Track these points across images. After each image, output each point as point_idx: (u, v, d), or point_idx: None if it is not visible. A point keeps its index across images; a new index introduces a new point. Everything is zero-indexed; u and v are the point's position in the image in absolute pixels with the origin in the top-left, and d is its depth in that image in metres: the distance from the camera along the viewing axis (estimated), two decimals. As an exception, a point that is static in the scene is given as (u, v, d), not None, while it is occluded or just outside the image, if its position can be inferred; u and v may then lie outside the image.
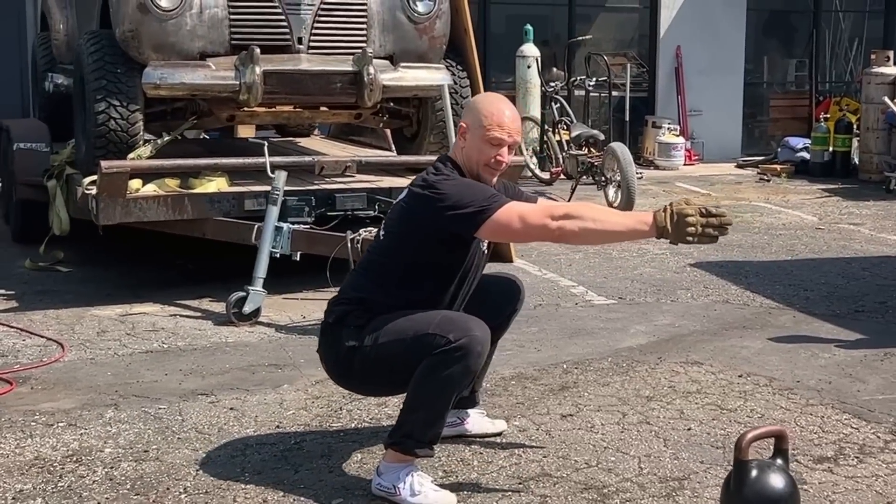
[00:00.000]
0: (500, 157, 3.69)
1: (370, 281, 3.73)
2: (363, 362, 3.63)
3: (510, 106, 3.76)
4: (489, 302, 3.91)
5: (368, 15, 6.81)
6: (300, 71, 6.53)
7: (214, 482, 3.79)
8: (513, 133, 3.69)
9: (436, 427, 3.58)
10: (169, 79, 6.42)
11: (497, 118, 3.67)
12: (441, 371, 3.48)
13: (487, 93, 4.05)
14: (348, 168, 6.56)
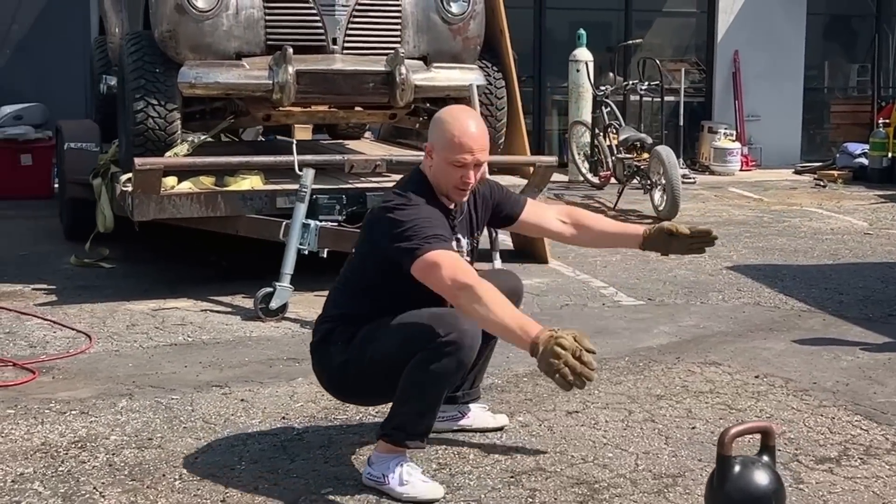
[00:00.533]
0: (465, 178, 3.58)
1: (348, 297, 3.72)
2: (358, 373, 3.62)
3: (475, 121, 3.62)
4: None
5: (402, 16, 6.82)
6: (332, 71, 6.56)
7: (210, 470, 3.81)
8: (476, 152, 3.56)
9: (427, 419, 3.55)
10: (204, 78, 6.48)
11: (459, 139, 3.54)
12: (432, 365, 3.45)
13: (453, 107, 3.77)
14: (378, 167, 6.57)
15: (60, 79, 12.18)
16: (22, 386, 4.82)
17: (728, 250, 8.03)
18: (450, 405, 4.11)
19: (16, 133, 10.97)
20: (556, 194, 11.06)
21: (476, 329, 3.50)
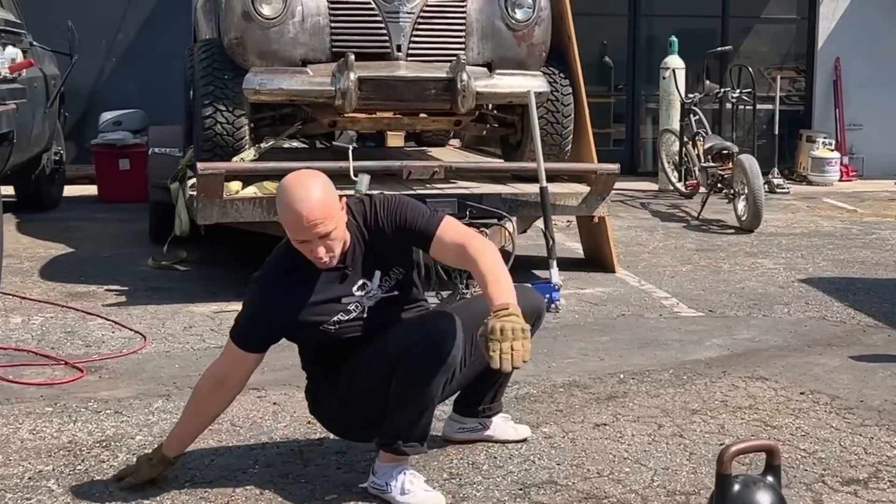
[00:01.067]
0: (314, 254, 3.36)
1: (302, 357, 3.74)
2: (356, 409, 3.57)
3: (308, 194, 3.29)
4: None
5: (467, 23, 6.75)
6: (394, 77, 6.53)
7: (222, 472, 3.79)
8: (311, 230, 3.29)
9: (421, 424, 3.48)
10: (268, 84, 6.51)
11: (289, 218, 3.32)
12: (416, 371, 3.39)
13: (289, 179, 3.39)
14: (436, 173, 6.50)
15: (163, 86, 12.43)
16: (68, 384, 4.89)
17: (806, 262, 7.77)
18: (471, 418, 4.04)
19: (114, 138, 11.22)
20: (641, 203, 10.87)
21: (455, 328, 3.42)
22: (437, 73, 6.57)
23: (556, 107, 7.00)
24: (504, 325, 3.22)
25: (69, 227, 9.40)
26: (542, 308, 3.92)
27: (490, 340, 3.21)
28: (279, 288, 3.47)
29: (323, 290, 3.47)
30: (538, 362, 5.19)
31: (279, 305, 3.46)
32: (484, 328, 3.24)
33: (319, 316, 3.48)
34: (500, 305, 3.29)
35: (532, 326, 3.75)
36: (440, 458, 3.93)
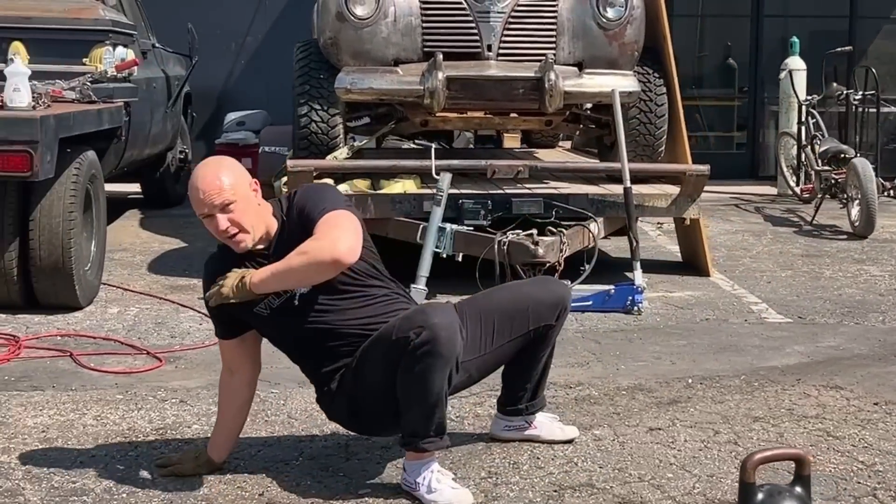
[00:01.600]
0: (217, 229, 3.42)
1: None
2: (367, 407, 3.55)
3: (206, 170, 3.44)
4: (521, 315, 3.72)
5: (558, 22, 6.67)
6: (482, 77, 6.49)
7: (266, 463, 3.81)
8: (207, 202, 3.39)
9: (434, 418, 3.42)
10: (358, 84, 6.55)
11: (192, 194, 3.43)
12: (415, 368, 3.33)
13: (200, 163, 3.56)
14: (520, 172, 6.42)
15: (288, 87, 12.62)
16: (144, 373, 4.99)
17: (913, 269, 7.43)
18: (515, 416, 3.97)
19: (236, 138, 11.45)
20: (756, 207, 10.56)
21: (449, 319, 3.36)
22: (525, 73, 6.51)
23: (650, 107, 6.85)
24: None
25: (188, 223, 9.58)
26: (565, 300, 3.83)
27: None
28: (216, 273, 3.54)
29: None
30: (607, 364, 5.10)
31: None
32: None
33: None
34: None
35: (556, 319, 3.77)
36: (483, 456, 3.87)
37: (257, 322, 3.60)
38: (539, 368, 3.88)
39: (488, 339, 3.69)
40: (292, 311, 3.53)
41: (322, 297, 3.53)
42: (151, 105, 8.80)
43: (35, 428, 4.16)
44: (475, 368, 3.72)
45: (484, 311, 3.72)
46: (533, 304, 3.73)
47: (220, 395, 3.77)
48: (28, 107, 5.53)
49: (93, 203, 6.53)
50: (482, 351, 3.69)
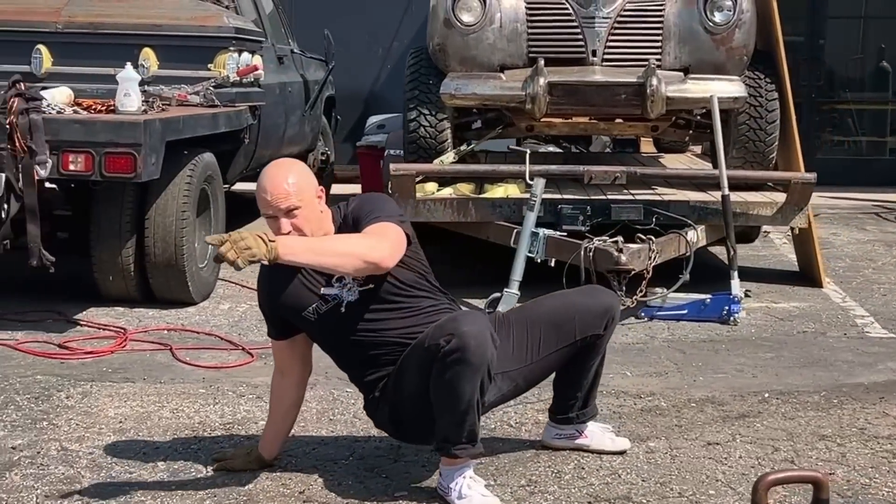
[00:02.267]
0: (280, 231, 3.41)
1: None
2: (408, 414, 3.56)
3: (274, 172, 3.46)
4: (568, 324, 3.68)
5: (664, 27, 6.54)
6: (583, 82, 6.42)
7: (316, 461, 3.87)
8: (280, 200, 3.40)
9: (465, 425, 3.40)
10: (462, 89, 6.58)
11: (260, 193, 3.45)
12: (446, 376, 3.32)
13: (269, 164, 3.58)
14: (617, 178, 6.31)
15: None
16: (233, 369, 5.12)
17: None
18: (566, 424, 3.92)
19: (375, 140, 11.60)
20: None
21: (479, 327, 3.33)
22: (627, 78, 6.40)
23: (760, 113, 6.64)
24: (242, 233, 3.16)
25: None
26: (613, 309, 3.76)
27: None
28: (270, 275, 3.60)
29: (306, 279, 3.57)
30: (685, 375, 4.98)
31: (270, 291, 3.63)
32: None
33: (300, 301, 3.56)
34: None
35: (605, 329, 3.71)
36: (528, 463, 3.83)
37: (305, 326, 3.65)
38: (589, 377, 3.83)
39: (534, 349, 3.67)
40: (338, 318, 3.57)
41: (368, 306, 3.56)
42: (286, 108, 9.00)
43: (114, 419, 4.33)
44: (522, 378, 3.70)
45: (531, 321, 3.71)
46: (580, 314, 3.69)
47: (271, 395, 3.84)
48: (137, 111, 5.74)
49: (210, 203, 6.74)
50: (529, 360, 3.67)
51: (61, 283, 6.60)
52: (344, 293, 3.56)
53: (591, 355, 3.75)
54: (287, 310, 3.60)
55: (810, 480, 2.83)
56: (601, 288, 3.90)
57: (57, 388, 4.71)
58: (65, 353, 5.33)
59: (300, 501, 3.52)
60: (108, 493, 3.55)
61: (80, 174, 5.46)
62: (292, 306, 3.58)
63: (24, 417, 4.31)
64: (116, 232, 6.12)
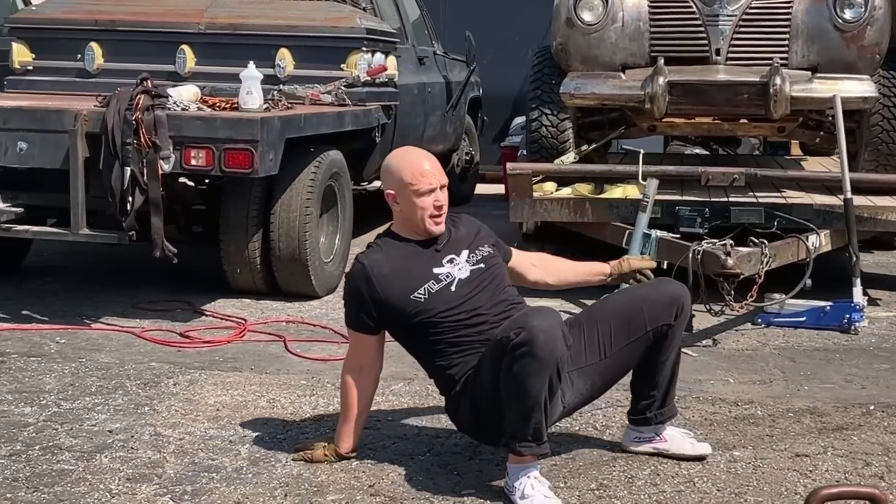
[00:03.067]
0: (437, 202, 3.60)
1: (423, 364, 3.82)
2: (484, 408, 3.52)
3: (423, 154, 3.71)
4: (638, 316, 3.60)
5: (791, 24, 6.28)
6: (704, 81, 6.22)
7: (393, 456, 3.85)
8: (438, 175, 3.62)
9: (531, 423, 3.34)
10: (581, 89, 6.47)
11: (417, 170, 3.60)
12: (513, 369, 3.30)
13: (398, 150, 3.86)
14: (735, 180, 6.07)
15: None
16: (338, 361, 5.07)
17: None
18: (645, 426, 3.81)
19: (517, 141, 11.56)
20: None
21: (549, 323, 3.28)
22: (749, 77, 6.17)
23: (894, 114, 6.30)
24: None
25: (462, 223, 9.77)
26: (681, 298, 3.68)
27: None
28: (377, 266, 3.62)
29: (415, 262, 3.62)
30: (791, 384, 4.77)
31: (379, 281, 3.59)
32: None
33: (410, 283, 3.58)
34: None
35: (675, 319, 3.63)
36: (603, 467, 3.73)
37: (410, 308, 3.61)
38: (665, 375, 3.73)
39: (607, 344, 3.63)
40: (448, 297, 3.59)
41: (475, 284, 3.62)
42: (425, 108, 9.04)
43: (212, 406, 4.41)
44: (598, 375, 3.63)
45: (600, 317, 3.69)
46: (648, 305, 3.64)
47: (347, 394, 3.78)
48: (258, 108, 5.84)
49: (338, 200, 6.82)
50: (602, 356, 3.62)
51: (196, 274, 6.79)
52: (455, 271, 3.62)
53: (664, 349, 3.66)
54: (393, 297, 3.60)
55: (867, 497, 2.67)
56: (669, 279, 3.84)
57: (167, 375, 4.84)
58: (183, 342, 5.47)
59: (368, 495, 3.51)
60: (184, 479, 3.61)
61: (201, 169, 5.59)
62: (401, 291, 3.59)
63: (129, 402, 4.44)
64: (243, 226, 6.25)
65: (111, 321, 5.82)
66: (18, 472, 3.65)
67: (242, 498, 3.46)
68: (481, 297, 3.60)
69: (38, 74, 7.44)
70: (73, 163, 5.49)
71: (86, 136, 5.52)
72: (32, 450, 3.85)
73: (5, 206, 5.72)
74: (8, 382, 4.66)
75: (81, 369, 4.89)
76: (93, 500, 3.43)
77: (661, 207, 6.02)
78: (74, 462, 3.74)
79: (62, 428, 4.09)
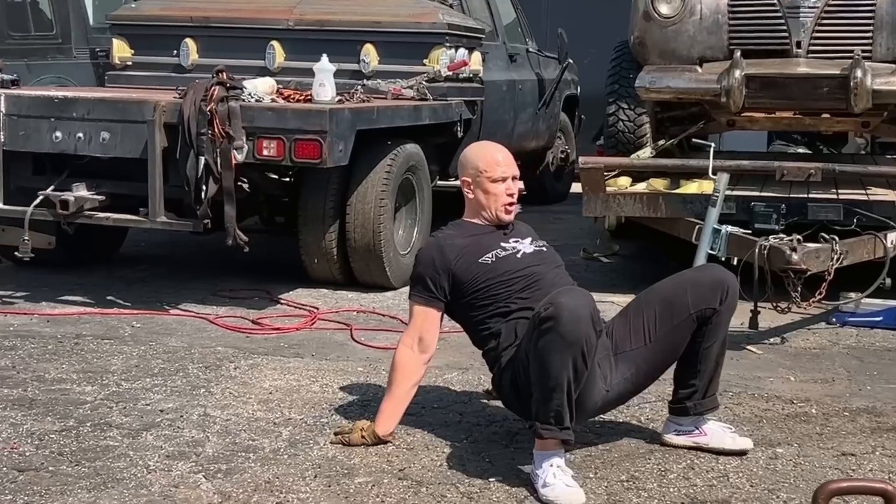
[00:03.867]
0: (509, 190, 3.76)
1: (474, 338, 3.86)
2: (524, 382, 3.50)
3: (497, 146, 3.91)
4: (681, 298, 3.56)
5: (876, 16, 6.05)
6: (781, 75, 6.03)
7: (429, 440, 3.84)
8: (510, 166, 3.79)
9: (552, 404, 3.29)
10: (657, 83, 6.34)
11: (491, 159, 3.78)
12: (539, 344, 3.29)
13: (474, 143, 4.16)
14: (811, 175, 5.84)
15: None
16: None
17: None
18: (684, 416, 3.72)
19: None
20: None
21: (577, 302, 3.26)
22: (828, 70, 5.95)
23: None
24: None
25: (557, 219, 9.67)
26: (726, 282, 3.62)
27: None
28: (450, 238, 3.78)
29: (484, 239, 3.76)
30: (853, 383, 4.60)
31: (452, 249, 3.71)
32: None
33: (480, 250, 3.71)
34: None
35: (720, 304, 3.57)
36: (637, 459, 3.65)
37: (478, 271, 3.66)
38: (709, 365, 3.64)
39: (651, 328, 3.60)
40: (513, 262, 3.69)
41: (537, 259, 3.73)
42: (515, 105, 8.98)
43: (265, 390, 4.44)
44: (642, 360, 3.60)
45: (646, 302, 3.67)
46: (691, 287, 3.60)
47: (397, 371, 3.77)
48: (331, 101, 5.88)
49: (416, 192, 6.82)
50: (646, 340, 3.60)
51: (278, 265, 6.87)
52: (521, 246, 3.77)
53: (708, 335, 3.59)
54: (463, 261, 3.69)
55: (879, 493, 2.52)
56: (716, 265, 3.73)
57: (230, 359, 4.89)
58: (254, 328, 5.54)
59: (396, 478, 3.49)
60: (221, 458, 3.65)
61: (273, 159, 5.65)
62: (470, 257, 3.70)
63: (187, 384, 4.50)
64: (320, 217, 6.29)
65: (188, 307, 5.93)
66: (65, 446, 3.73)
67: (273, 478, 3.48)
68: (541, 269, 3.71)
69: (137, 70, 7.64)
70: (152, 152, 5.61)
71: (164, 127, 5.64)
72: (84, 426, 3.93)
73: (89, 194, 5.87)
74: (77, 363, 4.78)
75: (149, 352, 4.99)
76: (129, 475, 3.49)
77: (735, 203, 5.86)
78: (120, 439, 3.81)
79: (116, 406, 4.17)
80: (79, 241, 6.56)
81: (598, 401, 3.56)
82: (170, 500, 3.29)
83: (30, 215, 5.83)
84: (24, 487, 3.36)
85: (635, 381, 3.63)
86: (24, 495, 3.30)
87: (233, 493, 3.35)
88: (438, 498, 3.33)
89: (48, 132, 5.83)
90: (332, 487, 3.40)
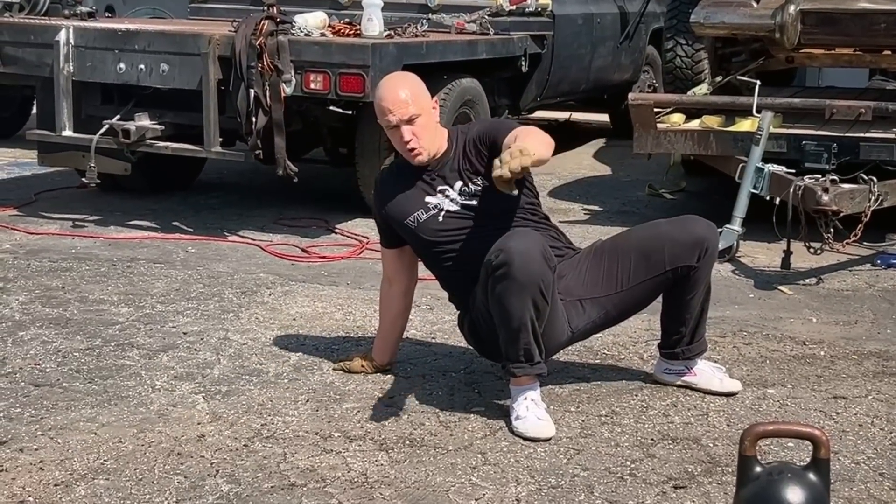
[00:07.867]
0: (402, 139, 3.47)
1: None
2: (482, 327, 3.52)
3: (393, 81, 3.57)
4: (657, 254, 3.48)
5: (938, -51, 5.73)
6: (837, 10, 5.80)
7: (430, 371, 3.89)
8: (397, 111, 3.44)
9: (520, 344, 3.30)
10: (711, 18, 6.17)
11: (380, 106, 3.50)
12: (496, 290, 3.27)
13: (385, 77, 3.72)
14: (862, 114, 5.62)
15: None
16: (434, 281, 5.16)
17: None
18: (673, 360, 3.68)
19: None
20: None
21: (527, 245, 3.21)
22: (886, 6, 5.70)
23: None
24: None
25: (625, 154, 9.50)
26: (705, 240, 3.50)
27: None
28: (383, 185, 3.70)
29: (413, 190, 3.59)
30: (877, 326, 4.52)
31: (381, 199, 3.66)
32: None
33: (404, 209, 3.58)
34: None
35: (698, 260, 3.47)
36: (623, 395, 3.65)
37: (407, 234, 3.65)
38: (693, 313, 3.58)
39: (624, 277, 3.53)
40: (436, 227, 3.56)
41: (465, 218, 3.54)
42: (593, 39, 8.84)
43: (290, 316, 4.55)
44: (612, 306, 3.55)
45: (622, 249, 3.58)
46: (669, 244, 3.48)
47: (380, 304, 3.89)
48: (378, 35, 5.89)
49: (475, 126, 6.80)
50: (618, 288, 3.53)
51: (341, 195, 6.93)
52: (445, 202, 3.56)
53: (687, 289, 3.52)
54: (392, 218, 3.64)
55: (807, 437, 2.50)
56: (696, 218, 3.60)
57: (267, 285, 5.01)
58: (301, 256, 5.65)
59: (382, 405, 3.57)
60: (224, 380, 3.77)
61: (319, 93, 5.70)
62: (397, 214, 3.62)
63: (219, 308, 4.64)
64: (376, 149, 6.33)
65: (246, 234, 6.07)
66: (84, 364, 3.90)
67: (266, 401, 3.59)
68: (469, 229, 3.52)
69: (217, 2, 7.76)
70: (206, 84, 5.74)
71: (218, 60, 5.75)
72: (108, 346, 4.10)
73: (150, 123, 6.04)
74: (122, 285, 4.96)
75: (193, 276, 5.14)
76: (134, 393, 3.64)
77: (786, 142, 5.70)
78: (137, 359, 3.97)
79: (144, 328, 4.33)
80: (157, 168, 6.77)
81: (562, 340, 3.56)
82: (164, 419, 3.43)
83: (96, 143, 6.04)
84: (35, 401, 3.54)
85: (603, 323, 3.63)
86: (32, 409, 3.48)
87: (224, 413, 3.47)
88: (417, 425, 3.39)
89: (113, 63, 6.00)
90: (319, 412, 3.50)
